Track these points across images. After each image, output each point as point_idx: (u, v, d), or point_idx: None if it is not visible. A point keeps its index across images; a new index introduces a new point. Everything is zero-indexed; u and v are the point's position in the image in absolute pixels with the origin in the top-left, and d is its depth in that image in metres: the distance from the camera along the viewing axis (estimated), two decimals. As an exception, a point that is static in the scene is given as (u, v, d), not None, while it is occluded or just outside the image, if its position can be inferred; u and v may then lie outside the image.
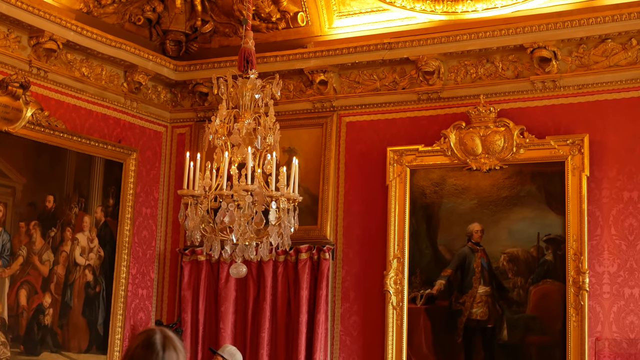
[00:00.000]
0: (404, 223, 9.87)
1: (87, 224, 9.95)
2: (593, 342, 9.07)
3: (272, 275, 10.28)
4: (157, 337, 3.74)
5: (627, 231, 9.19)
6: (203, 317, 10.53)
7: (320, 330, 9.98)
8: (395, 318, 9.78)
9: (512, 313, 9.42)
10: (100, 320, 10.07)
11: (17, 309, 9.25)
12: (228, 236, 7.07)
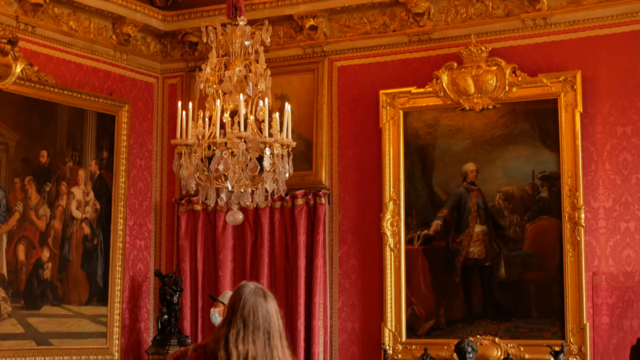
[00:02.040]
0: (398, 165, 9.88)
1: (82, 177, 9.95)
2: (590, 277, 9.13)
3: (269, 221, 10.31)
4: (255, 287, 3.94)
5: (621, 166, 9.21)
6: (202, 265, 10.57)
7: (319, 274, 10.03)
8: (393, 260, 9.82)
9: (509, 251, 9.47)
10: (100, 273, 10.11)
11: (16, 264, 9.28)
12: (223, 184, 7.07)
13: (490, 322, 9.48)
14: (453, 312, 9.65)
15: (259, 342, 3.83)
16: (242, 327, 3.84)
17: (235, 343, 3.82)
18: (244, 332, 3.83)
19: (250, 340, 3.81)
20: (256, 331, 3.83)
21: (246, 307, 3.87)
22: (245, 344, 3.80)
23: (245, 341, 3.81)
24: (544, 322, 9.28)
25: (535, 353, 9.20)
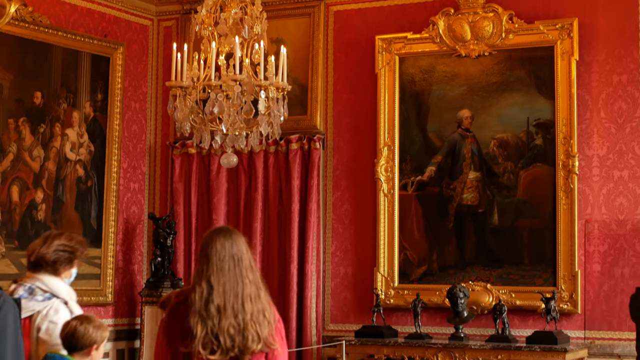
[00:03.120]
0: (393, 111, 9.87)
1: (76, 119, 9.92)
2: (583, 224, 9.16)
3: (263, 165, 10.31)
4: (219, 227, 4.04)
5: (616, 114, 9.20)
6: (195, 208, 10.58)
7: (313, 219, 10.05)
8: (387, 205, 9.84)
9: (502, 197, 9.49)
10: (93, 214, 10.12)
11: (9, 205, 9.29)
12: (218, 127, 7.06)
13: (483, 268, 9.53)
14: (445, 258, 9.69)
15: (227, 274, 3.82)
16: (207, 264, 3.84)
17: (199, 281, 3.83)
18: (207, 268, 3.83)
19: (215, 274, 3.80)
20: (221, 265, 3.82)
21: (209, 246, 3.88)
22: (210, 279, 3.80)
23: (210, 276, 3.81)
24: (535, 269, 9.33)
25: (526, 300, 9.26)
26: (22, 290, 4.50)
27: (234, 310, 3.79)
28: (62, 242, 4.63)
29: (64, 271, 4.68)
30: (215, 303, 3.76)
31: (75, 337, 4.37)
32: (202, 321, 3.74)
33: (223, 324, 3.75)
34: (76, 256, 4.72)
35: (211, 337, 3.75)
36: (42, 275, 4.57)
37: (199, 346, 3.72)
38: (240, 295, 3.81)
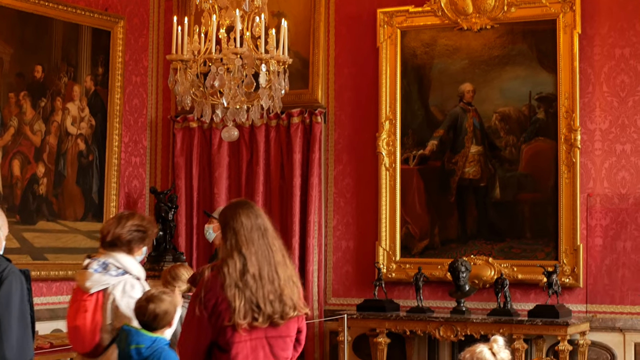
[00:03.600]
0: (395, 85, 9.84)
1: (77, 93, 9.90)
2: (585, 198, 9.15)
3: (264, 139, 10.29)
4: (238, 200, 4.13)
5: (618, 88, 9.18)
6: (197, 183, 10.58)
7: (314, 193, 10.04)
8: (388, 179, 9.83)
9: (504, 171, 9.48)
10: (95, 189, 10.11)
11: (11, 179, 9.28)
12: (218, 100, 7.03)
13: (484, 242, 9.53)
14: (447, 232, 9.69)
15: (257, 244, 3.87)
16: (235, 236, 3.87)
17: (231, 253, 3.86)
18: (237, 240, 3.86)
19: (246, 245, 3.85)
20: (250, 236, 3.87)
21: (234, 219, 3.90)
22: (242, 250, 3.84)
23: (241, 248, 3.85)
24: (537, 243, 9.33)
25: (528, 273, 9.26)
26: (96, 264, 4.61)
27: (269, 278, 3.86)
28: (135, 222, 4.73)
29: (137, 250, 4.75)
30: (251, 272, 3.82)
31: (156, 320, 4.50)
32: (239, 292, 3.78)
33: (262, 292, 3.81)
34: (147, 235, 4.80)
35: (252, 306, 3.79)
36: (115, 253, 4.70)
37: (239, 317, 3.74)
38: (272, 262, 3.90)
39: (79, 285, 4.61)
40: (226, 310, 3.75)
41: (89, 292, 4.59)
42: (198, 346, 3.77)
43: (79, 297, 4.58)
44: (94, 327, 4.51)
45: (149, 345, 4.41)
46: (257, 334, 3.83)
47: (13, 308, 3.86)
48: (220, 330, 3.77)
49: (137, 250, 4.76)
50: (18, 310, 3.92)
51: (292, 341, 3.95)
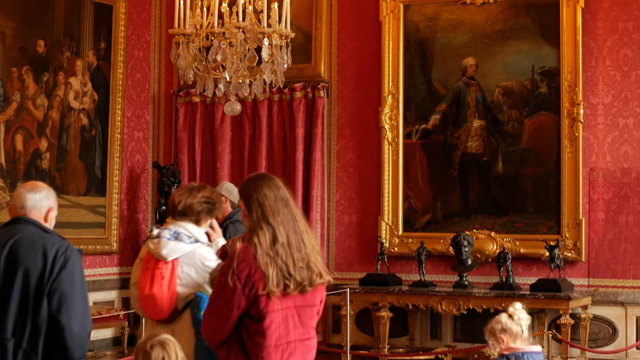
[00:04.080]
0: (398, 59, 9.82)
1: (79, 68, 9.89)
2: (587, 172, 9.15)
3: (267, 114, 10.29)
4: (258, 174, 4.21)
5: (621, 62, 9.16)
6: (200, 157, 10.58)
7: (317, 167, 10.05)
8: (391, 153, 9.83)
9: (507, 146, 9.48)
10: (98, 163, 10.12)
11: (14, 154, 9.29)
12: (221, 74, 7.03)
13: (487, 216, 9.54)
14: (450, 206, 9.70)
15: (282, 214, 3.93)
16: (261, 208, 3.92)
17: (259, 224, 3.91)
18: (263, 212, 3.92)
19: (272, 216, 3.91)
20: (275, 207, 3.93)
21: (258, 192, 3.96)
22: (269, 221, 3.90)
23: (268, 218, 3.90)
24: (540, 217, 9.34)
25: (530, 247, 9.28)
26: (168, 233, 4.73)
27: (297, 246, 3.95)
28: (205, 194, 4.85)
29: (204, 221, 4.85)
30: (280, 241, 3.90)
31: None
32: (271, 260, 3.85)
33: (292, 259, 3.91)
34: (215, 208, 4.88)
35: (283, 274, 3.87)
36: (184, 223, 4.80)
37: (273, 285, 3.80)
38: (297, 231, 3.98)
39: (152, 254, 4.69)
40: (260, 280, 3.83)
41: (166, 259, 4.68)
42: (230, 316, 3.83)
43: (152, 266, 4.67)
44: (171, 294, 4.62)
45: None
46: (287, 303, 3.90)
47: (77, 284, 3.99)
48: (254, 299, 3.84)
49: (204, 222, 4.85)
50: (80, 285, 4.05)
51: (317, 311, 4.02)
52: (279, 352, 3.87)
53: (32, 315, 3.78)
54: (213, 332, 3.90)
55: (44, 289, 3.80)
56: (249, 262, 3.84)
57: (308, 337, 4.00)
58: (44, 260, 3.84)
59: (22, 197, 4.07)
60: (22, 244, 3.87)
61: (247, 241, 3.89)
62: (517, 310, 4.24)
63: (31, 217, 4.01)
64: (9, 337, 3.76)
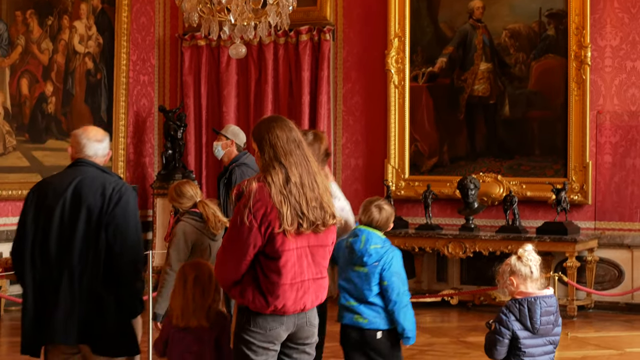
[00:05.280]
0: (404, 1, 9.75)
1: (84, 11, 9.84)
2: (594, 115, 9.12)
3: (273, 57, 10.25)
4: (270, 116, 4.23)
5: (630, 4, 9.09)
6: (205, 101, 10.57)
7: (323, 111, 10.03)
8: (397, 97, 9.81)
9: (513, 89, 9.44)
10: (104, 107, 10.11)
11: (19, 98, 9.27)
12: (226, 17, 6.98)
13: (493, 159, 9.53)
14: (456, 150, 9.70)
15: (294, 155, 3.94)
16: (273, 149, 3.94)
17: (272, 164, 3.92)
18: (276, 153, 3.93)
19: (285, 157, 3.93)
20: (287, 148, 3.94)
21: (270, 133, 3.96)
22: (282, 161, 3.92)
23: (280, 159, 3.92)
24: (546, 160, 9.33)
25: (537, 190, 9.28)
26: None
27: (310, 186, 3.97)
28: (309, 138, 5.15)
29: None
30: (293, 181, 3.92)
31: (386, 224, 5.09)
32: (284, 199, 3.88)
33: (305, 199, 3.93)
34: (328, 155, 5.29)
35: (297, 212, 3.90)
36: None
37: (287, 223, 3.85)
38: (310, 171, 4.00)
39: None
40: (276, 219, 3.86)
41: None
42: (247, 255, 3.86)
43: None
44: None
45: (383, 245, 4.94)
46: (301, 242, 3.93)
47: (129, 217, 4.35)
48: (270, 238, 3.87)
49: None
50: (132, 219, 4.41)
51: (329, 251, 4.05)
52: (294, 290, 3.90)
53: (93, 245, 4.19)
54: (228, 271, 3.93)
55: (102, 222, 4.21)
56: (265, 201, 3.87)
57: (321, 276, 4.03)
58: (103, 198, 4.25)
59: (83, 142, 4.44)
60: (85, 184, 4.28)
61: (262, 181, 3.91)
62: (527, 251, 4.24)
63: (91, 159, 4.40)
64: (75, 263, 4.16)
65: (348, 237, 4.98)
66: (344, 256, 4.92)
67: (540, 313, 4.14)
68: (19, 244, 4.29)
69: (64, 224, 4.22)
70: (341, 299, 4.89)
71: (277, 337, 3.92)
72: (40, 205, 4.28)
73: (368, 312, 4.80)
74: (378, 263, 4.83)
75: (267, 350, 3.91)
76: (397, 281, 4.83)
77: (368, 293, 4.81)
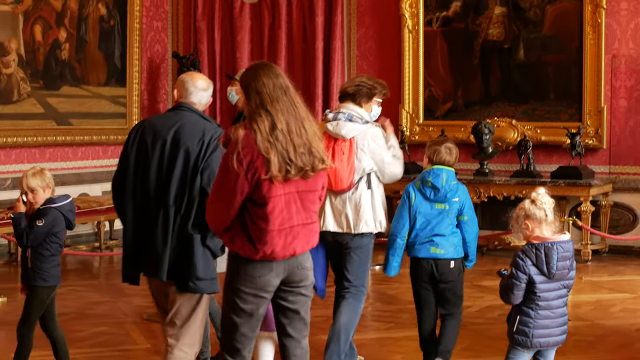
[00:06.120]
0: (418, -56, 9.70)
1: (96, -45, 9.81)
2: (609, 59, 9.07)
3: (286, 2, 10.20)
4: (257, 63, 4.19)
5: (646, -55, 9.01)
6: (219, 47, 10.55)
7: (337, 56, 10.00)
8: (412, 41, 9.77)
9: (528, 33, 9.39)
10: (117, 54, 10.10)
11: (33, 44, 9.27)
12: (240, -38, 6.96)
13: (508, 104, 9.51)
14: (471, 94, 9.67)
15: (281, 102, 3.95)
16: (259, 97, 3.95)
17: (258, 111, 3.93)
18: (262, 100, 3.94)
19: (270, 104, 3.93)
20: (274, 95, 3.95)
21: (256, 80, 3.97)
22: (267, 108, 3.93)
23: (266, 106, 3.93)
24: (561, 105, 9.31)
25: (551, 135, 9.26)
26: (342, 117, 5.25)
27: (297, 132, 3.98)
28: (362, 79, 5.42)
29: (364, 103, 5.35)
30: (279, 127, 3.92)
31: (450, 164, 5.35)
32: (271, 146, 3.89)
33: (293, 145, 3.94)
34: (374, 93, 5.39)
35: (284, 159, 3.91)
36: (349, 105, 5.33)
37: (275, 169, 3.87)
38: (298, 117, 4.00)
39: (330, 134, 5.21)
40: (262, 165, 3.88)
41: (345, 138, 5.22)
42: (234, 202, 3.89)
43: (332, 144, 5.20)
44: (350, 167, 5.23)
45: (458, 182, 5.35)
46: (289, 188, 3.95)
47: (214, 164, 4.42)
48: (257, 185, 3.90)
49: (365, 104, 5.34)
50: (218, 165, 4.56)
51: (319, 196, 4.07)
52: (282, 236, 3.93)
53: (189, 188, 4.33)
54: (217, 218, 3.98)
55: (198, 167, 4.33)
56: (252, 148, 3.89)
57: (310, 221, 4.05)
58: (201, 144, 4.35)
59: (190, 89, 4.55)
60: (185, 129, 4.40)
61: (248, 128, 3.93)
62: (540, 195, 4.26)
63: (194, 106, 4.52)
64: (171, 203, 4.32)
65: (423, 176, 5.30)
66: (418, 196, 5.28)
67: (557, 258, 4.16)
68: (120, 181, 4.46)
69: (162, 165, 4.37)
70: (416, 235, 5.24)
71: (267, 284, 3.95)
72: (141, 145, 4.41)
73: (445, 244, 5.21)
74: (458, 199, 5.26)
75: (256, 297, 3.96)
76: (473, 214, 5.32)
77: (447, 227, 5.23)
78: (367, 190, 5.34)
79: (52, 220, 4.92)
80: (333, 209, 5.32)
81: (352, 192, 5.28)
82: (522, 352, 4.25)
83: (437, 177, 5.26)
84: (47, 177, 5.01)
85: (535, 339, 4.20)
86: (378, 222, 5.33)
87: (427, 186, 5.28)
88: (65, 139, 9.57)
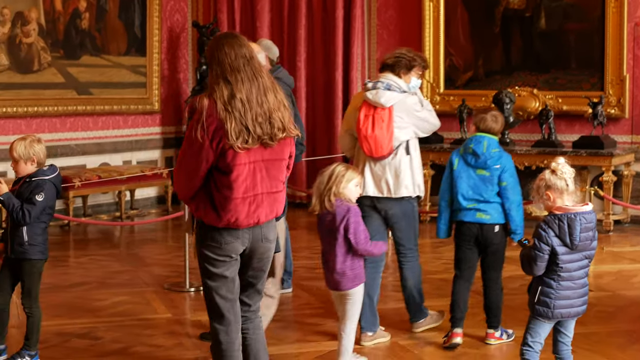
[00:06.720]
0: None
1: None
2: (632, 28, 9.01)
3: (306, -29, 10.18)
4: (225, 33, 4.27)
5: None
6: (239, 16, 10.52)
7: (357, 25, 9.96)
8: (432, 10, 9.71)
9: (550, 1, 9.32)
10: (137, 23, 10.09)
11: (53, 14, 9.27)
12: None
13: (529, 73, 9.46)
14: (492, 64, 9.63)
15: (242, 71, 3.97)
16: (220, 66, 3.98)
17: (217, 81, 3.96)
18: (222, 69, 3.97)
19: (230, 73, 3.95)
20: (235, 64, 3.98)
21: (218, 50, 4.00)
22: (227, 77, 3.94)
23: (226, 75, 3.95)
24: (583, 74, 9.25)
25: (573, 104, 9.22)
26: (381, 85, 5.42)
27: (257, 101, 3.99)
28: (402, 51, 5.62)
29: (403, 74, 5.52)
30: (238, 97, 3.95)
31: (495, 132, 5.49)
32: (228, 115, 3.91)
33: (250, 114, 3.95)
34: (413, 65, 5.55)
35: (241, 128, 3.93)
36: (389, 74, 5.51)
37: (233, 138, 3.89)
38: (261, 87, 4.02)
39: (370, 102, 5.42)
40: (226, 134, 3.89)
41: (384, 106, 5.42)
42: (199, 170, 3.94)
43: (371, 112, 5.43)
44: (390, 134, 5.45)
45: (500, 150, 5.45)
46: (254, 156, 3.98)
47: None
48: (222, 153, 3.93)
49: (404, 75, 5.52)
50: None
51: (286, 165, 4.14)
52: (246, 204, 3.97)
53: None
54: (183, 186, 4.04)
55: None
56: (215, 117, 3.91)
57: (276, 190, 4.09)
58: None
59: None
60: None
61: (209, 97, 3.95)
62: (560, 164, 4.24)
63: None
64: None
65: (466, 143, 5.48)
66: (461, 162, 5.46)
67: (580, 229, 4.14)
68: None
69: None
70: (461, 200, 5.44)
71: (234, 250, 4.02)
72: None
73: (489, 209, 5.40)
74: (499, 166, 5.39)
75: (225, 262, 4.03)
76: (514, 182, 5.43)
77: (490, 193, 5.40)
78: (407, 156, 5.54)
79: (50, 193, 4.92)
80: (373, 174, 5.53)
81: (392, 157, 5.50)
82: (543, 323, 4.24)
83: (479, 144, 5.41)
84: (35, 150, 4.95)
85: (557, 309, 4.19)
86: (417, 185, 5.56)
87: (469, 152, 5.44)
88: (86, 109, 9.59)
